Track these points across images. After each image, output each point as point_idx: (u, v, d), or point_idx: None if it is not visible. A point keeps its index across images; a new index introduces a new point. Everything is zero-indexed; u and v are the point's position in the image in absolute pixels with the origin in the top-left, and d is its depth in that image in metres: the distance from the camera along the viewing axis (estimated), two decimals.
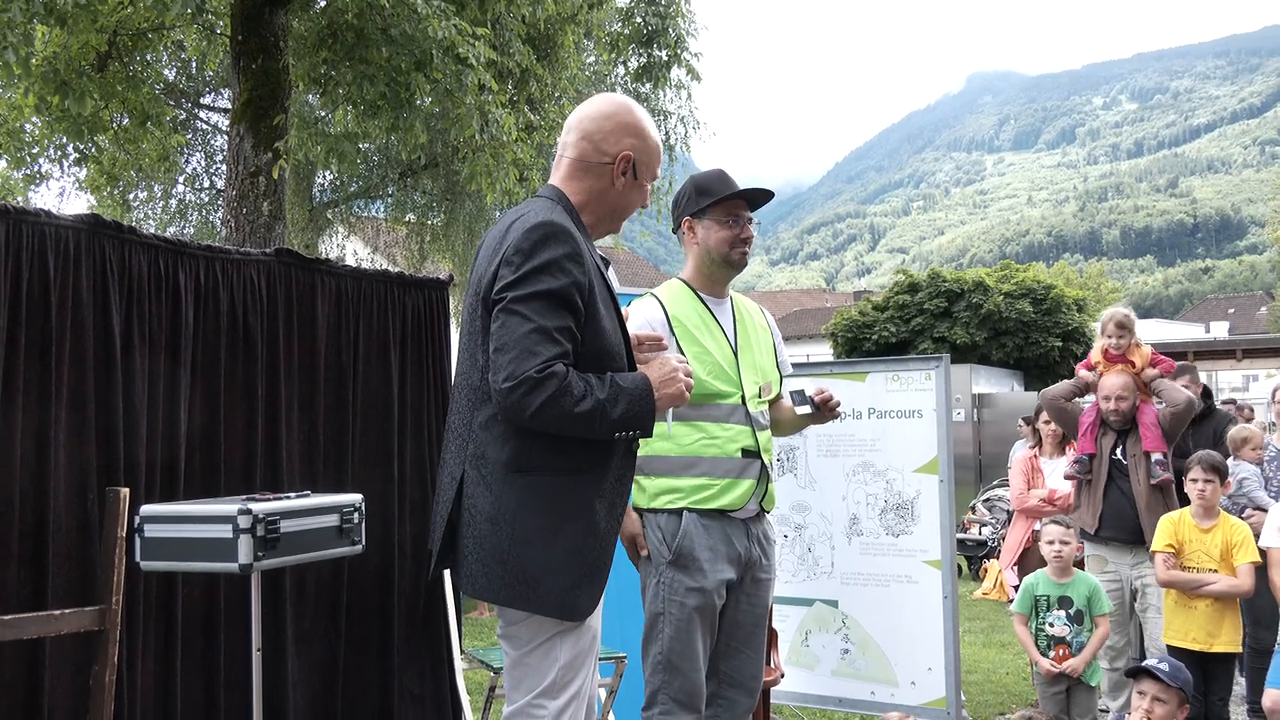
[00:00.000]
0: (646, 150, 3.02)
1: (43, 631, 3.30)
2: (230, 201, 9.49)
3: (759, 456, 3.82)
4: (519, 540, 2.74)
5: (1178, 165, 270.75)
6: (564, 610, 2.76)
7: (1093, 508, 5.97)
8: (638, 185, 3.03)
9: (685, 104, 17.65)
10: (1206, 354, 18.74)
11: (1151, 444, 5.92)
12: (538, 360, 2.63)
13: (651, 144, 3.04)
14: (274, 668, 4.54)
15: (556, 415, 2.64)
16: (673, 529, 3.71)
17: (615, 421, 2.71)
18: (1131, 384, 6.04)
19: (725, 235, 3.88)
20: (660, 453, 3.76)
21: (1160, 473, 5.86)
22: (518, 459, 2.76)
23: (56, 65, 9.65)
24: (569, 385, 2.65)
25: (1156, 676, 4.51)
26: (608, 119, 3.01)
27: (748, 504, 3.79)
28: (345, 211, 19.73)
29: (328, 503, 3.96)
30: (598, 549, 2.81)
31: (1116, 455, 6.02)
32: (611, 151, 2.97)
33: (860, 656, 6.15)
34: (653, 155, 3.03)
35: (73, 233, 3.83)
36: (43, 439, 3.68)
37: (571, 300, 2.73)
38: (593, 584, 2.80)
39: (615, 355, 2.85)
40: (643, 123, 3.06)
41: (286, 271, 4.78)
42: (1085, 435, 6.17)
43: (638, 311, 3.87)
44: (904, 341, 28.66)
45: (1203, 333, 46.40)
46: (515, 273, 2.72)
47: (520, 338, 2.66)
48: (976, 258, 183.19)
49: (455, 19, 9.20)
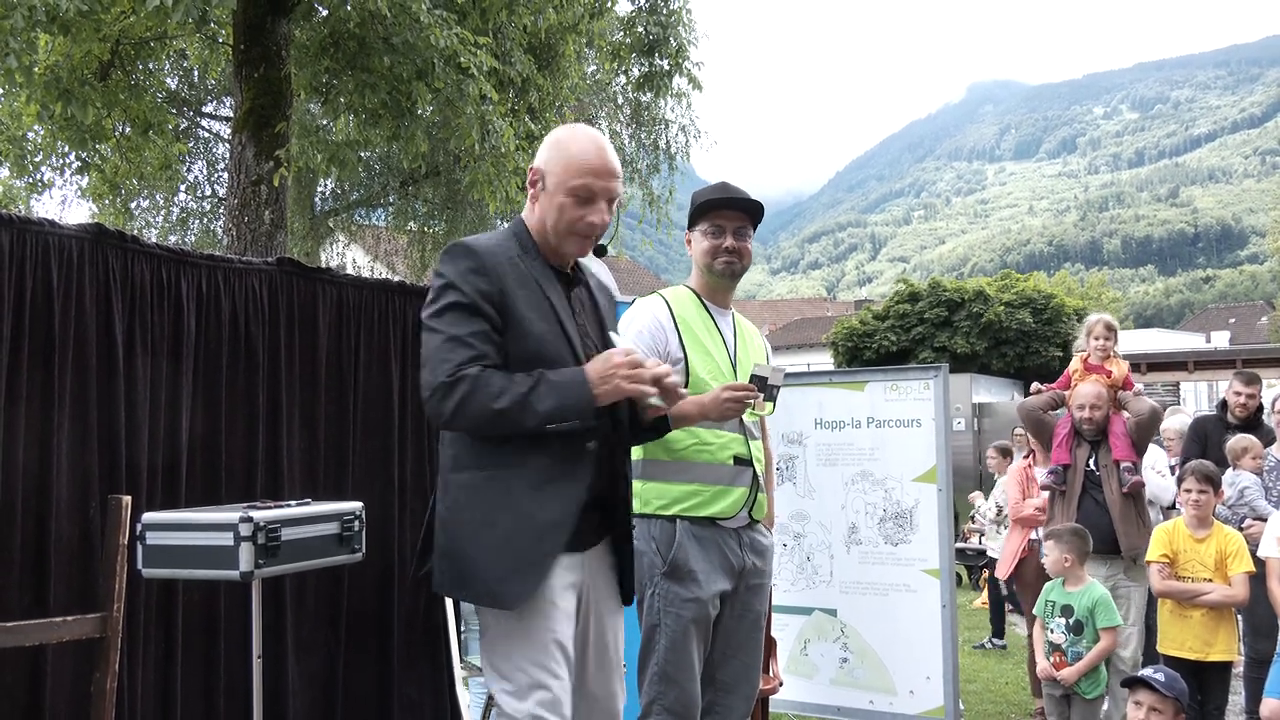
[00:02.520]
0: (556, 159, 3.00)
1: (44, 638, 3.31)
2: (232, 210, 9.52)
3: (751, 465, 3.83)
4: (455, 535, 2.90)
5: (1178, 175, 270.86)
6: (494, 599, 2.86)
7: (1067, 518, 6.00)
8: (549, 197, 3.00)
9: (686, 113, 17.71)
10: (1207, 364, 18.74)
11: (1121, 453, 5.99)
12: (449, 366, 2.77)
13: (564, 153, 3.00)
14: (274, 675, 4.55)
15: (475, 414, 2.77)
16: (667, 539, 3.72)
17: (544, 414, 2.77)
18: (1105, 394, 6.11)
19: (707, 245, 3.92)
20: (653, 457, 3.78)
21: (1130, 479, 5.92)
22: (456, 460, 2.95)
23: (59, 73, 9.67)
24: (483, 384, 2.75)
25: (1153, 686, 4.52)
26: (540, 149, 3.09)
27: (739, 513, 3.80)
28: (346, 220, 19.78)
29: (328, 510, 3.97)
30: (533, 540, 2.85)
31: (1090, 466, 6.07)
32: (529, 173, 3.08)
33: (859, 665, 6.17)
34: (563, 164, 2.98)
35: (76, 242, 3.85)
36: (45, 446, 3.70)
37: (477, 307, 2.85)
38: (526, 574, 2.84)
39: (551, 360, 2.89)
40: (562, 136, 3.07)
41: (288, 280, 4.80)
42: (1060, 446, 6.22)
43: (643, 309, 3.90)
44: (904, 350, 28.69)
45: (1203, 342, 46.39)
46: (432, 294, 2.92)
47: (434, 349, 2.82)
48: (977, 267, 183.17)
49: (457, 28, 9.23)
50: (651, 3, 14.75)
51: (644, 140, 17.71)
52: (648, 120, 17.67)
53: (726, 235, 3.89)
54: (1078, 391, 6.18)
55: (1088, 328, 6.41)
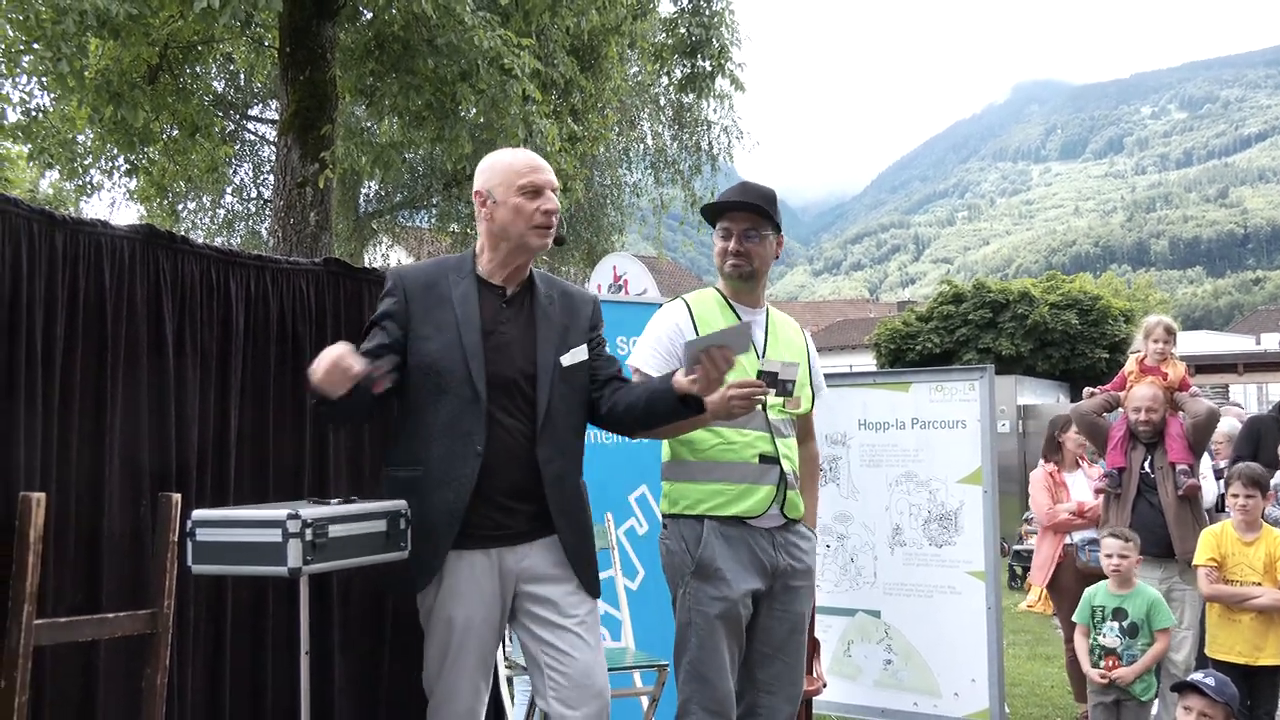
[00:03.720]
0: (493, 174, 3.43)
1: (96, 634, 3.35)
2: (278, 211, 9.61)
3: (778, 463, 3.80)
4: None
5: (1228, 175, 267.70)
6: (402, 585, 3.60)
7: (1121, 521, 5.94)
8: (503, 204, 3.39)
9: (728, 114, 17.76)
10: (1257, 366, 18.53)
11: (1177, 455, 5.91)
12: None
13: (498, 166, 3.43)
14: (321, 672, 4.58)
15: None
16: (694, 538, 3.72)
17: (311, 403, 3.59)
18: (1161, 396, 6.03)
19: (717, 248, 3.93)
20: (678, 458, 3.79)
21: (1185, 481, 5.85)
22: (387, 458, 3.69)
23: (109, 77, 9.80)
24: None
25: (1203, 691, 4.47)
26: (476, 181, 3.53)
27: (768, 510, 3.76)
28: (390, 221, 19.91)
29: (375, 509, 3.99)
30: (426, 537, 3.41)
31: (1145, 468, 6.00)
32: (475, 201, 3.49)
33: (903, 667, 6.14)
34: (502, 173, 3.40)
35: (127, 242, 3.89)
36: (97, 445, 3.75)
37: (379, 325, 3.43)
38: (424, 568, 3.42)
39: (442, 372, 3.34)
40: (487, 161, 3.50)
41: (334, 280, 4.83)
42: (1115, 449, 6.14)
43: (664, 314, 3.92)
44: (948, 352, 28.47)
45: (1253, 344, 45.73)
46: None
47: None
48: (1022, 268, 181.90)
49: (500, 30, 9.27)
50: (694, 4, 14.77)
51: (686, 141, 17.72)
52: (690, 121, 17.68)
53: (732, 238, 3.88)
54: (1134, 394, 6.11)
55: (1146, 329, 6.32)
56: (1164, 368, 6.15)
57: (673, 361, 3.72)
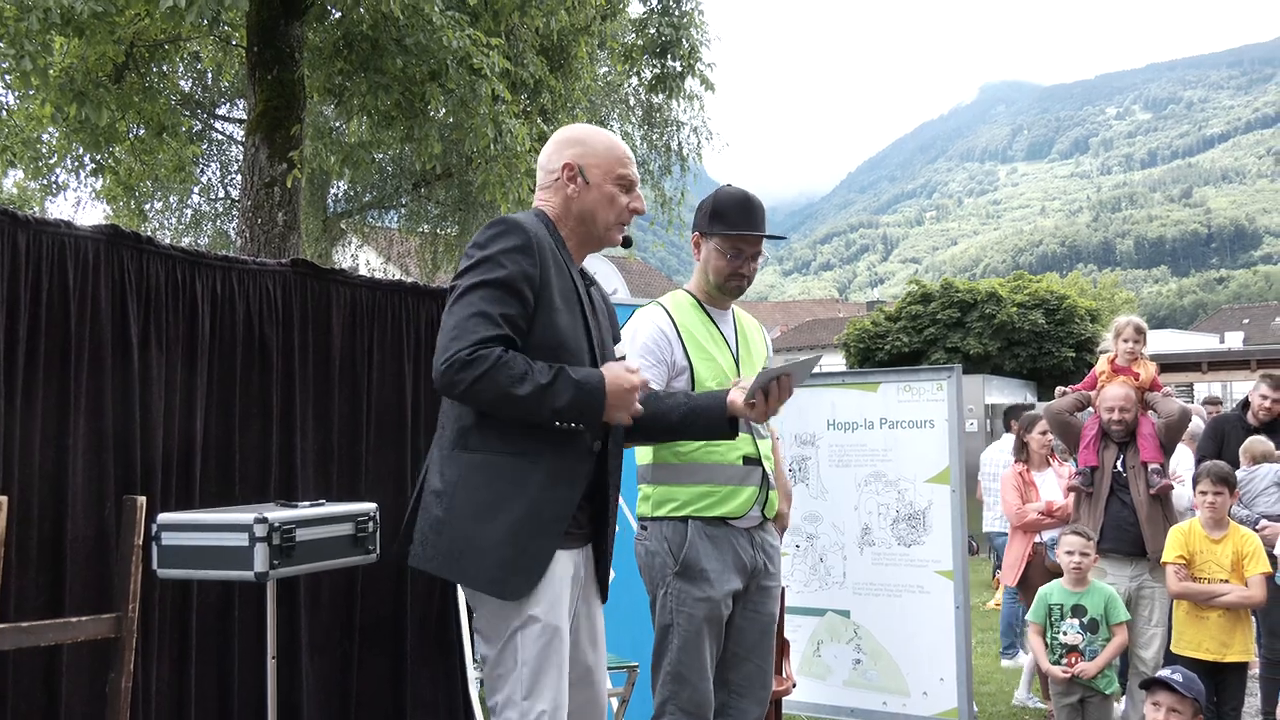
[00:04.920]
0: (592, 153, 3.10)
1: (60, 638, 3.32)
2: (245, 211, 9.54)
3: (760, 464, 3.83)
4: (455, 511, 2.85)
5: (1191, 175, 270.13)
6: (493, 586, 2.82)
7: (1094, 520, 5.98)
8: (596, 188, 3.09)
9: (698, 114, 17.70)
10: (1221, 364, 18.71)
11: (1149, 454, 5.96)
12: (471, 339, 2.74)
13: (598, 147, 3.11)
14: (288, 676, 4.56)
15: (491, 394, 2.74)
16: (678, 539, 3.72)
17: (558, 410, 2.78)
18: (1133, 395, 6.07)
19: (723, 266, 3.89)
20: (661, 460, 3.78)
21: (1158, 481, 5.90)
22: (464, 438, 2.89)
23: (74, 75, 9.71)
24: (504, 364, 2.73)
25: (1171, 687, 4.51)
26: (551, 144, 3.18)
27: (750, 511, 3.79)
28: (359, 222, 19.80)
29: (343, 511, 3.98)
30: (538, 535, 2.86)
31: (1118, 467, 6.04)
32: (555, 166, 3.11)
33: (872, 667, 6.16)
34: (603, 156, 3.10)
35: (91, 243, 3.86)
36: (61, 447, 3.71)
37: (516, 288, 2.83)
38: (530, 569, 2.84)
39: (573, 352, 2.93)
40: (582, 132, 3.18)
41: (302, 281, 4.81)
42: (1087, 448, 6.18)
43: (646, 320, 3.89)
44: (917, 352, 28.60)
45: (1217, 343, 46.18)
46: (468, 263, 2.88)
47: (462, 320, 2.78)
48: (990, 268, 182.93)
49: (469, 30, 9.24)
50: (664, 4, 14.77)
51: (656, 141, 17.70)
52: (660, 121, 17.67)
53: (743, 260, 3.89)
54: (1105, 394, 6.15)
55: (1117, 329, 6.36)
56: (1135, 367, 6.19)
57: (664, 368, 3.73)
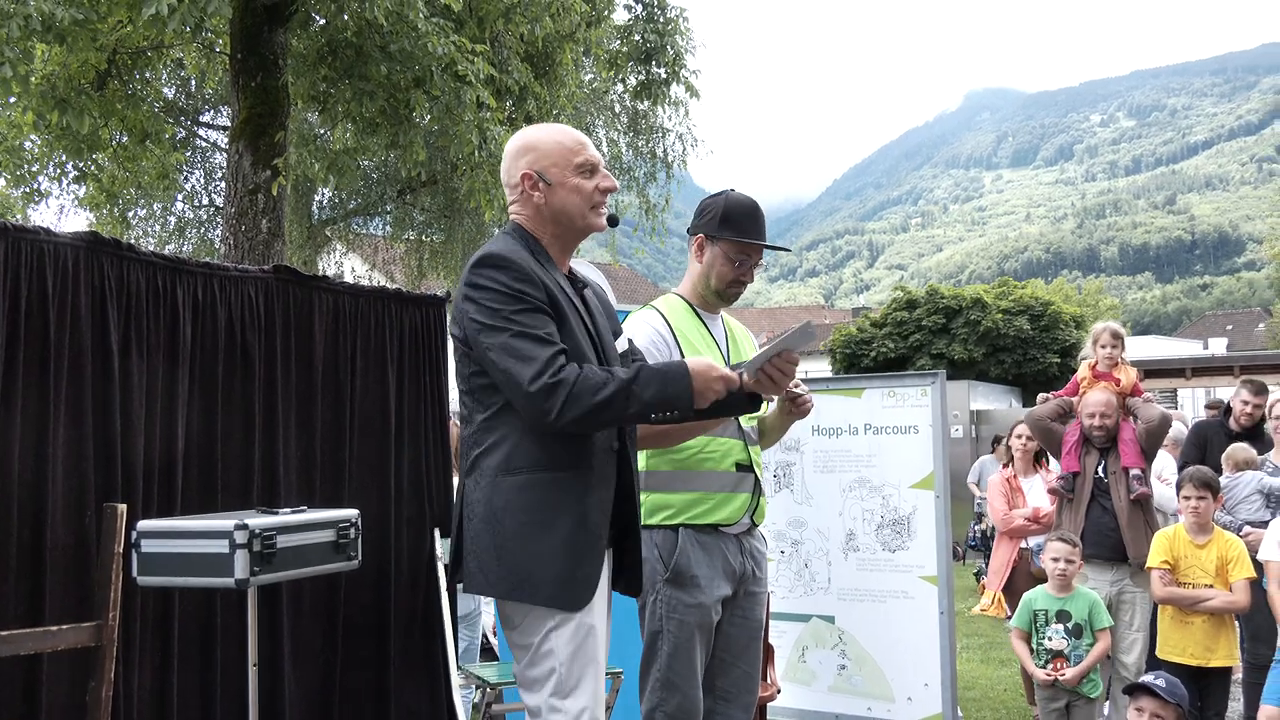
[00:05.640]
0: (544, 155, 3.09)
1: (40, 647, 3.30)
2: (229, 219, 9.52)
3: (752, 470, 3.83)
4: (511, 535, 2.87)
5: (1175, 182, 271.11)
6: (559, 600, 2.85)
7: (1075, 525, 6.00)
8: (560, 185, 3.08)
9: (683, 121, 17.76)
10: (1205, 370, 18.77)
11: (1130, 460, 5.98)
12: (541, 364, 2.78)
13: (548, 145, 3.10)
14: (271, 683, 4.54)
15: (581, 409, 2.77)
16: (669, 546, 3.71)
17: (647, 401, 2.83)
18: (1114, 401, 6.10)
19: (726, 272, 3.89)
20: (654, 468, 3.77)
21: (1138, 487, 5.92)
22: (506, 462, 2.90)
23: (56, 83, 9.68)
24: (583, 379, 2.78)
25: (1154, 693, 4.51)
26: (506, 159, 3.17)
27: (741, 518, 3.80)
28: (344, 229, 19.77)
29: (324, 518, 3.96)
30: (589, 541, 2.91)
31: (1099, 473, 6.07)
32: (516, 180, 3.11)
33: (857, 672, 6.15)
34: (555, 152, 3.09)
35: (71, 250, 3.84)
36: (40, 454, 3.69)
37: (539, 306, 2.89)
38: (587, 575, 2.89)
39: (581, 358, 2.93)
40: (529, 138, 3.16)
41: (284, 288, 4.80)
42: (1069, 454, 6.21)
43: (642, 323, 3.89)
44: (902, 358, 28.71)
45: (1201, 349, 46.40)
46: (485, 301, 2.89)
47: (518, 347, 2.81)
48: (975, 274, 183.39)
49: (454, 36, 9.24)
50: (649, 11, 14.78)
51: (641, 148, 17.72)
52: (645, 128, 17.69)
53: (747, 267, 3.91)
54: (1087, 400, 6.17)
55: (1094, 335, 6.39)
56: (1116, 373, 6.22)
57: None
